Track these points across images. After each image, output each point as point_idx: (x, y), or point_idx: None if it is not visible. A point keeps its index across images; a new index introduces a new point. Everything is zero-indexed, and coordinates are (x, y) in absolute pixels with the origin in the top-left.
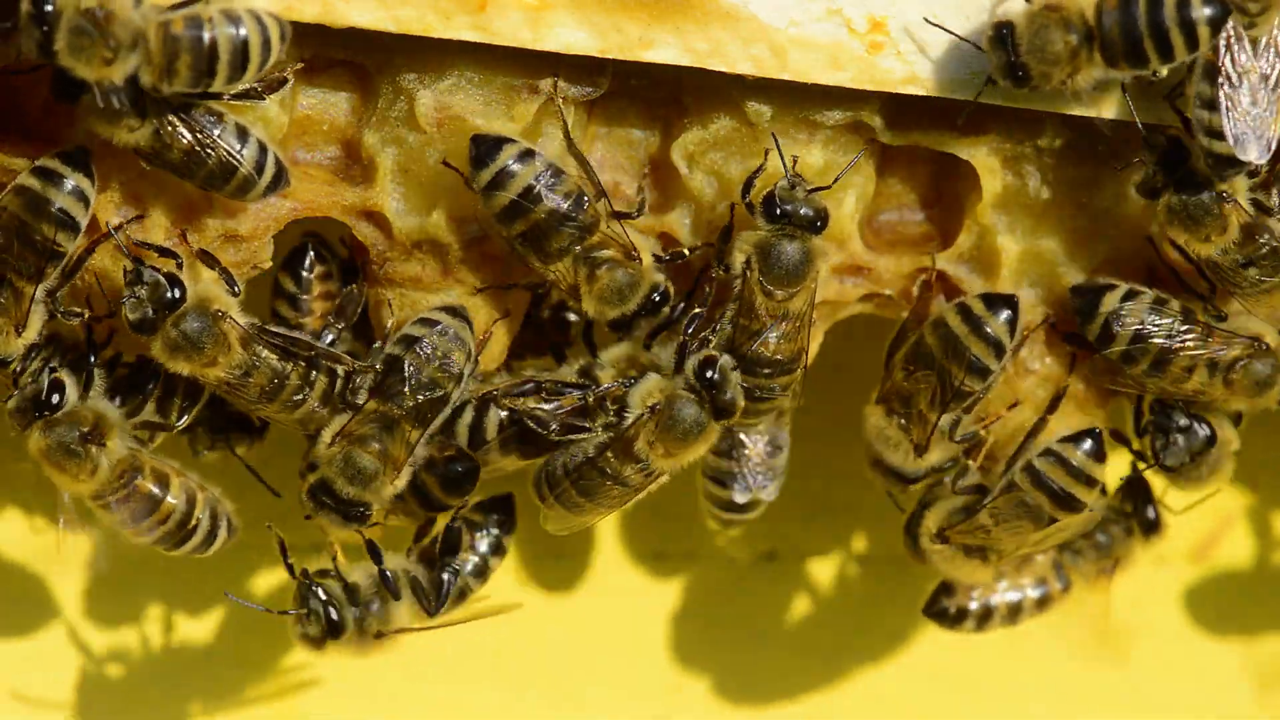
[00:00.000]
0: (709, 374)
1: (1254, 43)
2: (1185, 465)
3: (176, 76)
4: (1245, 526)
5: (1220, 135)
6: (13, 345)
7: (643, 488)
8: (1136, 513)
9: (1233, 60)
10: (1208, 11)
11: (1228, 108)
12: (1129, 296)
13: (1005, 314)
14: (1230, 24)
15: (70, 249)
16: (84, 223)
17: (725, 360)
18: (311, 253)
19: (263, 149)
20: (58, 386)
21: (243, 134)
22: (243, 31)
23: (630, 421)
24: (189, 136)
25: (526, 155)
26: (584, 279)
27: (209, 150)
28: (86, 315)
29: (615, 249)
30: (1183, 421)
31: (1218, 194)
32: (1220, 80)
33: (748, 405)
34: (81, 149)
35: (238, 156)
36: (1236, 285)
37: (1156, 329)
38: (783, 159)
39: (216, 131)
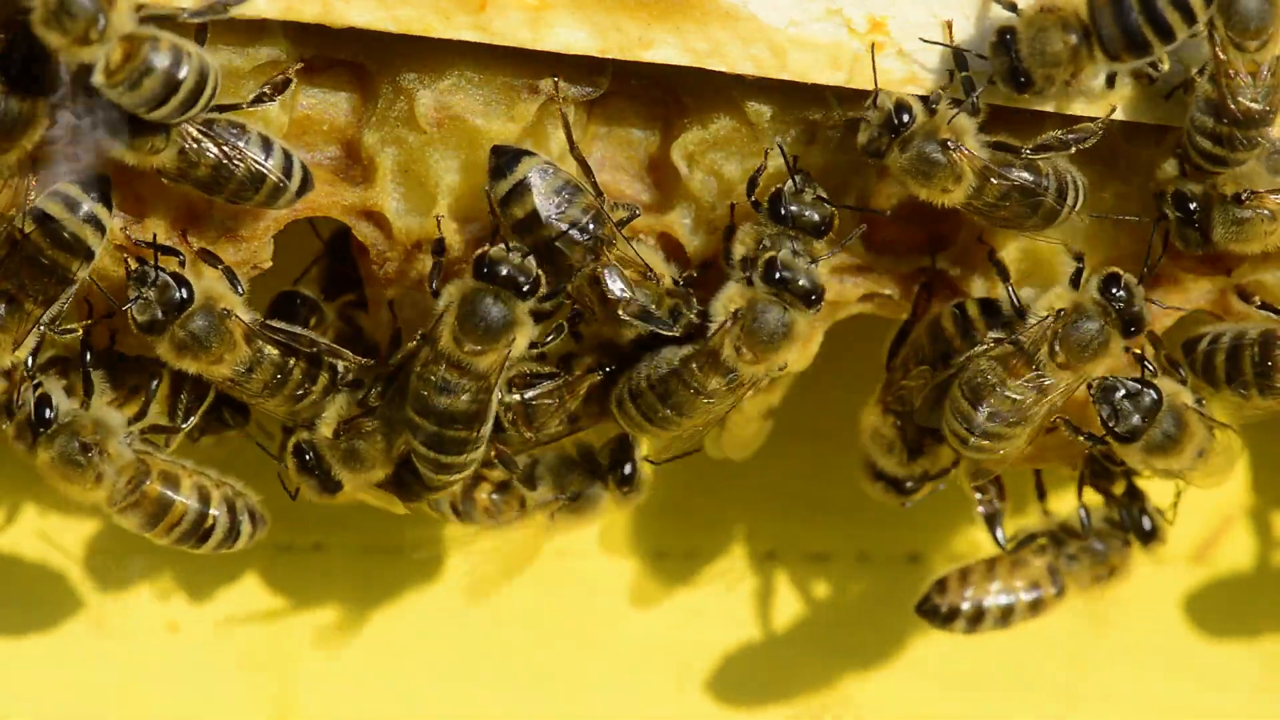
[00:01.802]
0: (775, 274)
1: (1254, 74)
2: (1142, 430)
3: (139, 91)
4: (1245, 526)
5: (1216, 161)
6: (4, 360)
7: (731, 400)
8: (1132, 523)
9: (1233, 99)
10: None
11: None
12: (1216, 338)
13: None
14: (1226, 65)
15: (84, 276)
16: (99, 249)
17: (783, 253)
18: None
19: (288, 156)
20: (45, 401)
21: (267, 144)
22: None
23: (715, 330)
24: (215, 151)
25: (546, 169)
26: (598, 300)
27: (237, 163)
28: (80, 330)
29: (632, 270)
30: (1126, 387)
31: (943, 143)
32: (1225, 119)
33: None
34: (102, 176)
35: (265, 165)
36: (1004, 225)
37: (1239, 343)
38: (786, 160)
39: (242, 143)
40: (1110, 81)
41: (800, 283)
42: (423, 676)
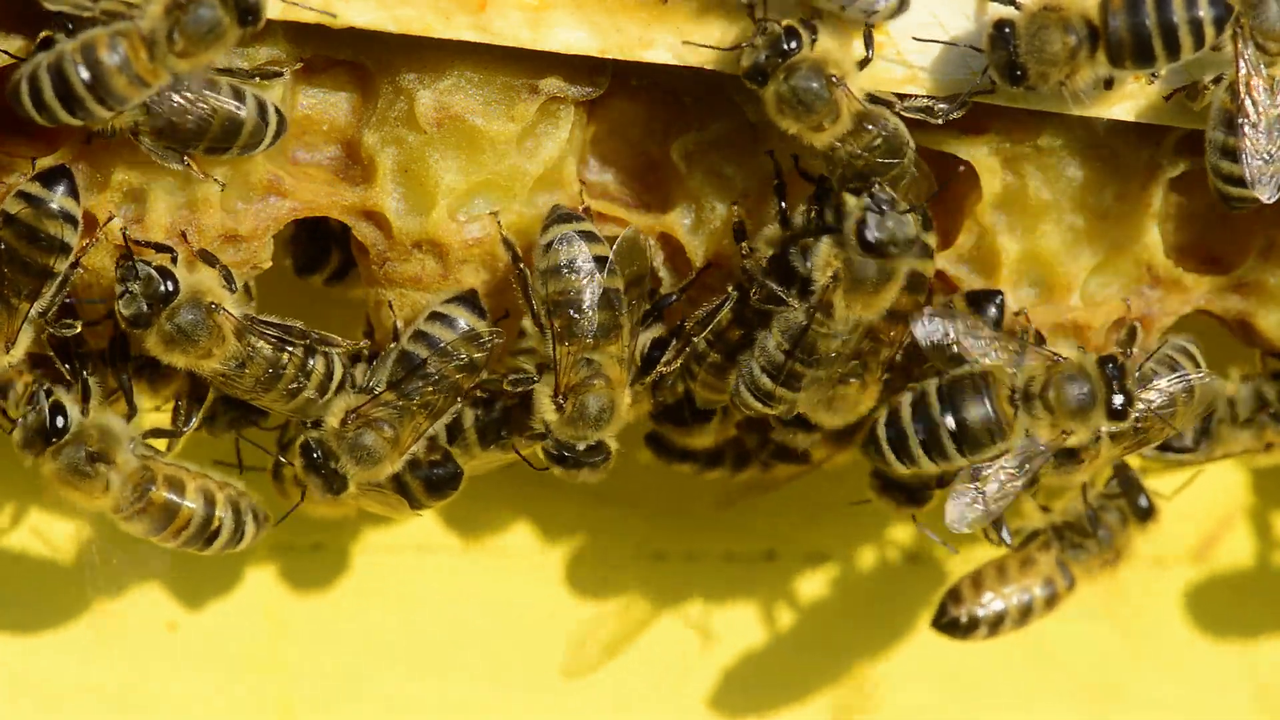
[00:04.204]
0: (866, 236)
1: (1272, 80)
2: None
3: None
4: (1245, 526)
5: (1238, 182)
6: (0, 362)
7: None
8: (1129, 501)
9: (1254, 103)
10: (1214, 11)
11: (1249, 151)
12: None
13: (991, 312)
14: (1247, 69)
15: (64, 267)
16: (75, 242)
17: (868, 216)
18: None
19: (260, 101)
20: (59, 409)
21: (237, 92)
22: None
23: (821, 290)
24: (179, 99)
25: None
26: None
27: (212, 109)
28: (78, 327)
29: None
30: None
31: (829, 78)
32: (1240, 121)
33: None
34: (61, 167)
35: (239, 110)
36: (859, 176)
37: None
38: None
39: (215, 93)
40: (1108, 84)
41: (886, 241)
42: (420, 676)
